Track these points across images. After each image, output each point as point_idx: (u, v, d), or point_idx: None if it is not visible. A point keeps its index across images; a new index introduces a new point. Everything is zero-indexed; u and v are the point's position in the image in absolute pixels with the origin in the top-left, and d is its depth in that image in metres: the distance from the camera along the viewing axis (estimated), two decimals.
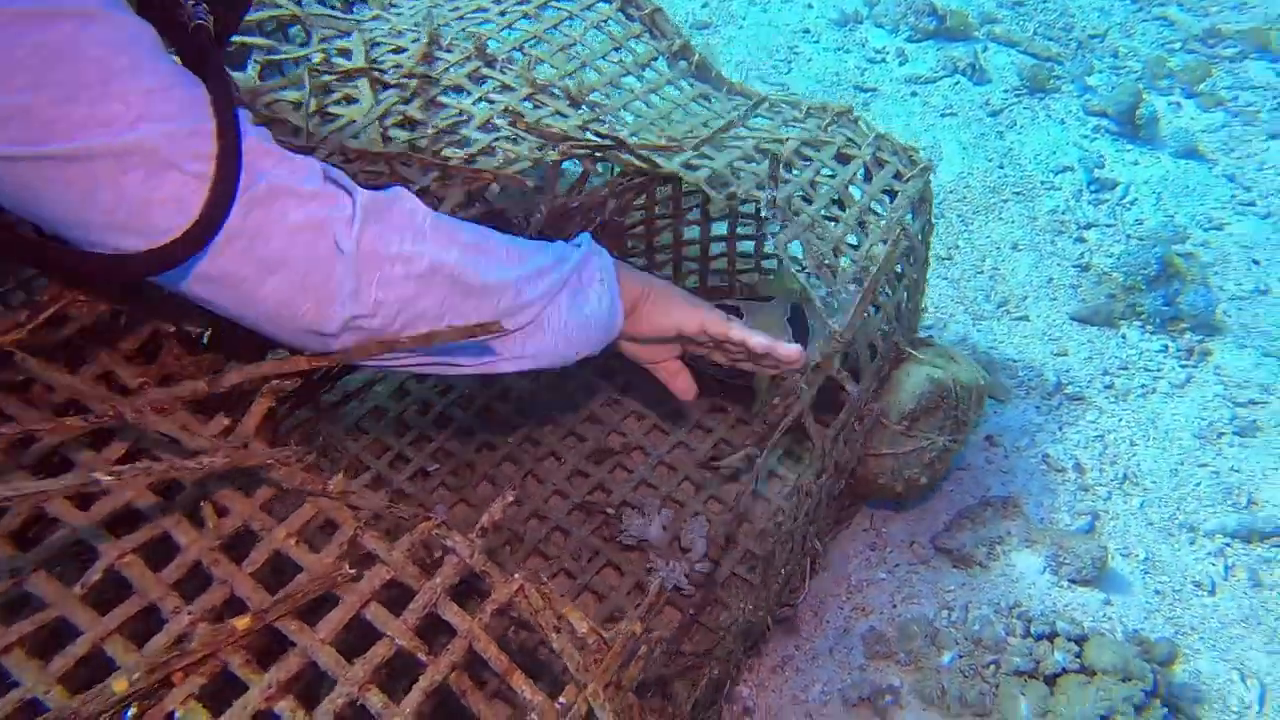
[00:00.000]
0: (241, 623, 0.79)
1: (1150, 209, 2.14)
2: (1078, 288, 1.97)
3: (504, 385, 1.61)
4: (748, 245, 1.77)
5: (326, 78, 1.39)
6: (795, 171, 1.43)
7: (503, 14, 1.59)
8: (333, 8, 1.62)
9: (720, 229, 1.75)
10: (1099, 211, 2.14)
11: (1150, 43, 2.67)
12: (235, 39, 1.39)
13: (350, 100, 1.38)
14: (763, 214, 1.55)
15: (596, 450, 1.54)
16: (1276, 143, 2.32)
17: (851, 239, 1.37)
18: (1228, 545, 1.51)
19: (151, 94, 0.72)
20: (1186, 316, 1.87)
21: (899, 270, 1.42)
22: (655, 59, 1.64)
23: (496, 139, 1.33)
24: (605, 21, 1.63)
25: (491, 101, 1.40)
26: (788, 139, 1.49)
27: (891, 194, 1.47)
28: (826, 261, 1.29)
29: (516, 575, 0.90)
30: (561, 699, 0.86)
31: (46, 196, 0.70)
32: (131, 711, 0.73)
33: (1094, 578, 1.40)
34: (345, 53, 1.46)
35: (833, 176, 1.45)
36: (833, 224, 1.37)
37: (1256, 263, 2.03)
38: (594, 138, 1.33)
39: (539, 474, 1.51)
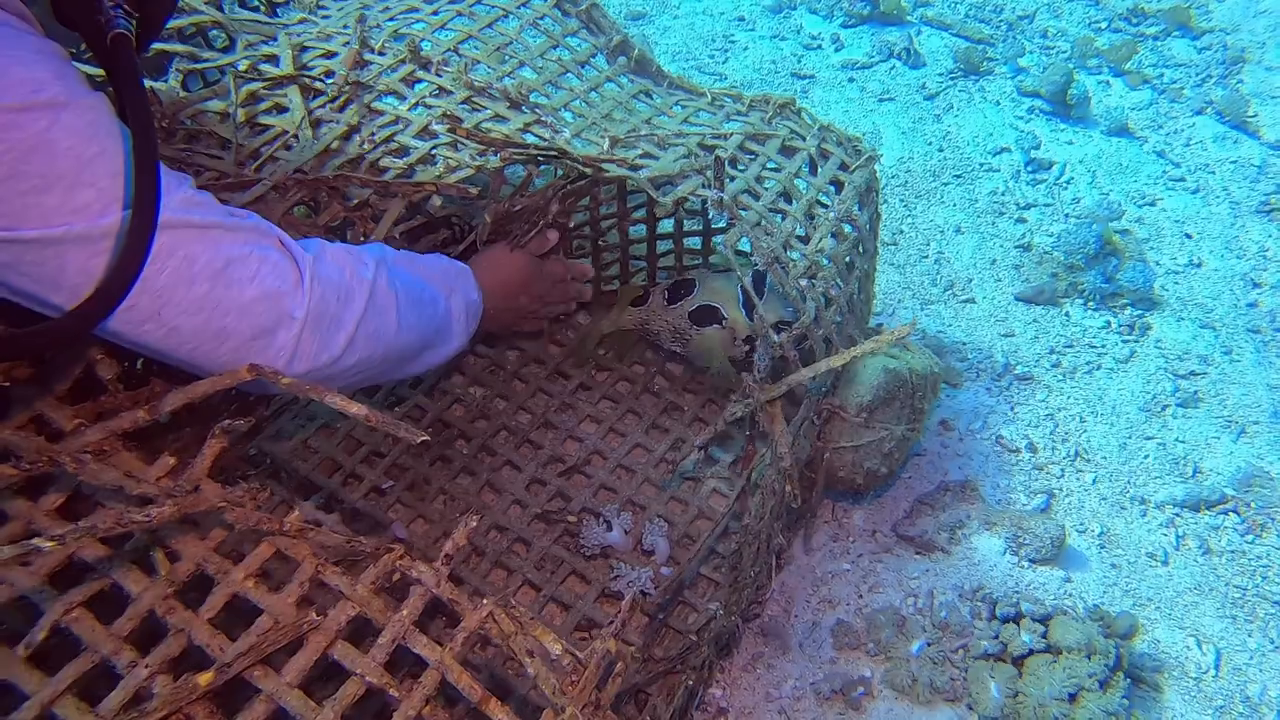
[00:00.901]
0: (204, 677, 0.75)
1: (1086, 188, 2.19)
2: (1020, 268, 2.00)
3: (455, 396, 1.58)
4: (694, 240, 1.76)
5: (254, 86, 1.33)
6: (740, 167, 1.42)
7: (435, 13, 1.55)
8: (256, 10, 1.56)
9: (667, 226, 1.74)
10: (1037, 191, 2.18)
11: (1077, 22, 2.72)
12: (153, 46, 1.33)
13: (280, 109, 1.32)
14: (709, 214, 1.54)
15: (553, 458, 1.51)
16: (1202, 118, 2.39)
17: (800, 233, 1.37)
18: (1177, 515, 1.55)
19: (117, 178, 0.75)
20: (1126, 292, 1.92)
21: (849, 261, 1.43)
22: (594, 55, 1.61)
23: (436, 146, 1.29)
24: (541, 19, 1.60)
25: (429, 106, 1.35)
26: (731, 134, 1.48)
27: (838, 185, 1.47)
28: (777, 257, 1.29)
29: (485, 600, 0.88)
30: None
31: (13, 273, 0.74)
32: None
33: (1053, 556, 1.43)
34: (272, 59, 1.40)
35: (778, 170, 1.44)
36: (780, 218, 1.37)
37: (1189, 236, 2.09)
38: (536, 141, 1.30)
39: (497, 485, 1.48)
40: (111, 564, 0.82)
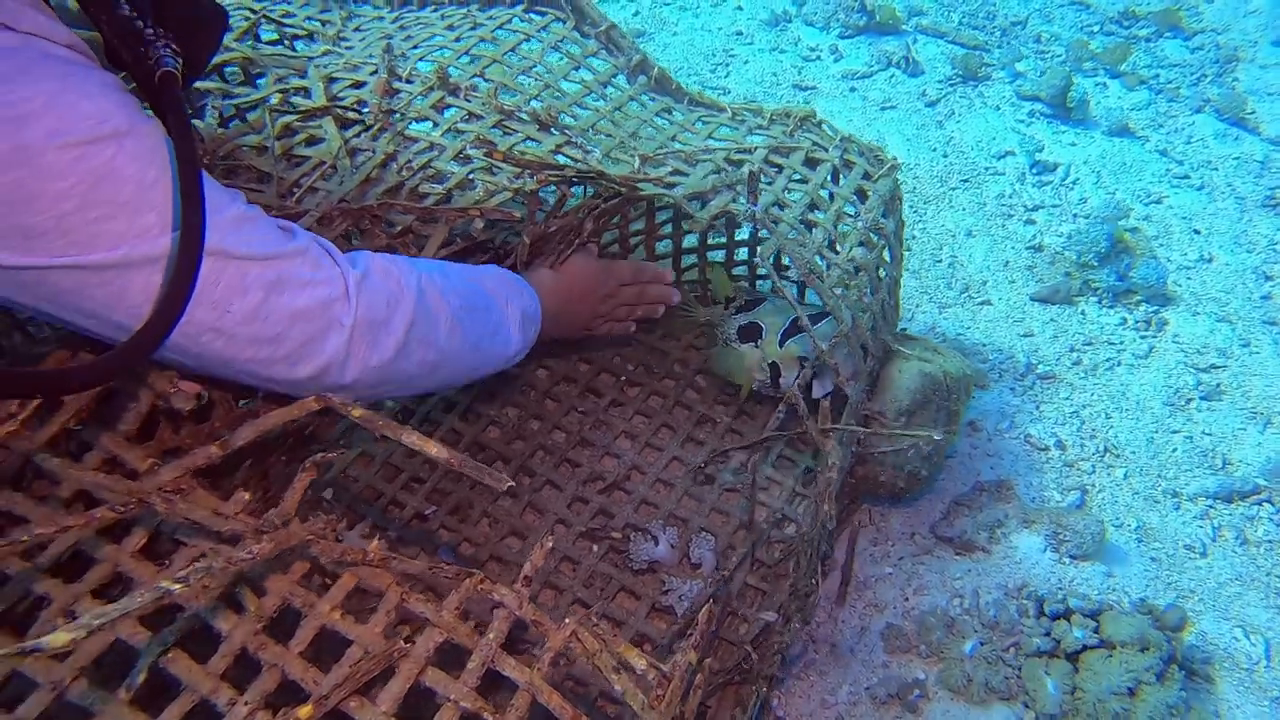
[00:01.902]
0: (304, 711, 0.75)
1: (1092, 188, 2.22)
2: (1033, 268, 2.03)
3: (489, 418, 1.58)
4: (717, 254, 1.78)
5: (288, 119, 1.34)
6: (767, 180, 1.44)
7: (458, 40, 1.56)
8: (277, 45, 1.57)
9: (692, 240, 1.75)
10: (1044, 193, 2.22)
11: (1069, 26, 2.77)
12: None
13: (315, 140, 1.34)
14: (744, 225, 1.56)
15: (592, 475, 1.52)
16: (1201, 116, 2.43)
17: (831, 244, 1.39)
18: (1211, 507, 1.57)
19: (170, 200, 0.78)
20: (1140, 289, 1.95)
21: (879, 270, 1.45)
22: (615, 75, 1.63)
23: (472, 171, 1.30)
24: (561, 41, 1.62)
25: (460, 131, 1.37)
26: (755, 148, 1.50)
27: (862, 195, 1.50)
28: (812, 269, 1.30)
29: (568, 620, 0.88)
30: None
31: (80, 298, 0.76)
32: None
33: (1094, 552, 1.44)
34: (302, 91, 1.41)
35: (804, 182, 1.46)
36: (810, 230, 1.39)
37: (1197, 232, 2.12)
38: (570, 163, 1.31)
39: (538, 505, 1.48)
40: (198, 603, 0.82)
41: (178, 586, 0.67)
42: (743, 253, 1.76)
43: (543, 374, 1.67)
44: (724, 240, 1.75)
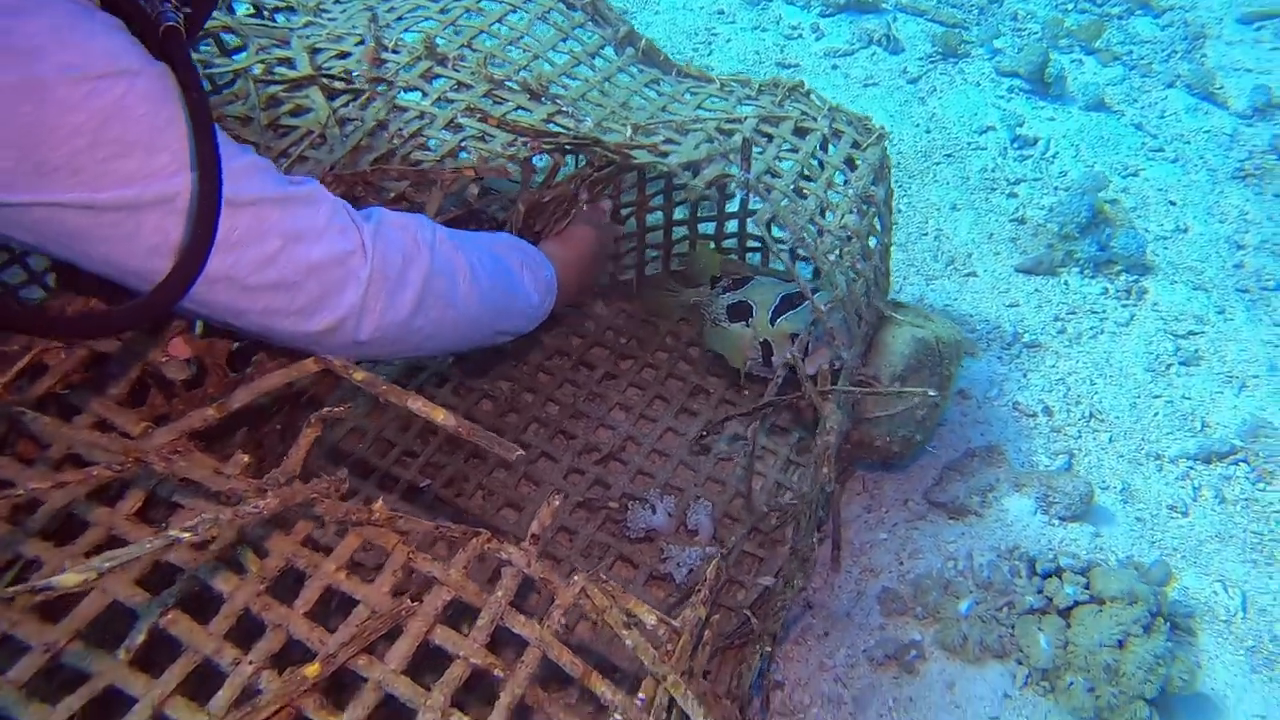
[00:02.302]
0: (311, 669, 0.75)
1: (1071, 161, 2.25)
2: (1017, 240, 2.05)
3: (482, 391, 1.58)
4: (707, 226, 1.78)
5: (273, 89, 1.32)
6: (758, 149, 1.44)
7: (443, 11, 1.55)
8: (256, 17, 1.54)
9: (682, 213, 1.75)
10: (1025, 167, 2.24)
11: (1045, 4, 2.80)
12: None
13: (301, 110, 1.32)
14: (737, 194, 1.56)
15: (588, 446, 1.52)
16: (1173, 91, 2.47)
17: (824, 212, 1.39)
18: (1192, 469, 1.60)
19: (185, 142, 0.77)
20: (1120, 259, 1.98)
21: (870, 237, 1.46)
22: (603, 47, 1.62)
23: (465, 139, 1.29)
24: (549, 12, 1.60)
25: (450, 101, 1.36)
26: (745, 118, 1.50)
27: (851, 163, 1.50)
28: (806, 236, 1.31)
29: (576, 577, 0.88)
30: (641, 694, 0.85)
31: (91, 239, 0.75)
32: None
33: (1082, 513, 1.47)
34: (287, 61, 1.39)
35: (794, 151, 1.47)
36: (803, 198, 1.39)
37: (1173, 203, 2.15)
38: (564, 130, 1.31)
39: (534, 476, 1.48)
40: (198, 565, 0.81)
41: (186, 535, 0.66)
42: (732, 225, 1.76)
43: (535, 348, 1.66)
44: (714, 213, 1.75)
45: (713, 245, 1.78)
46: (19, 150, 0.68)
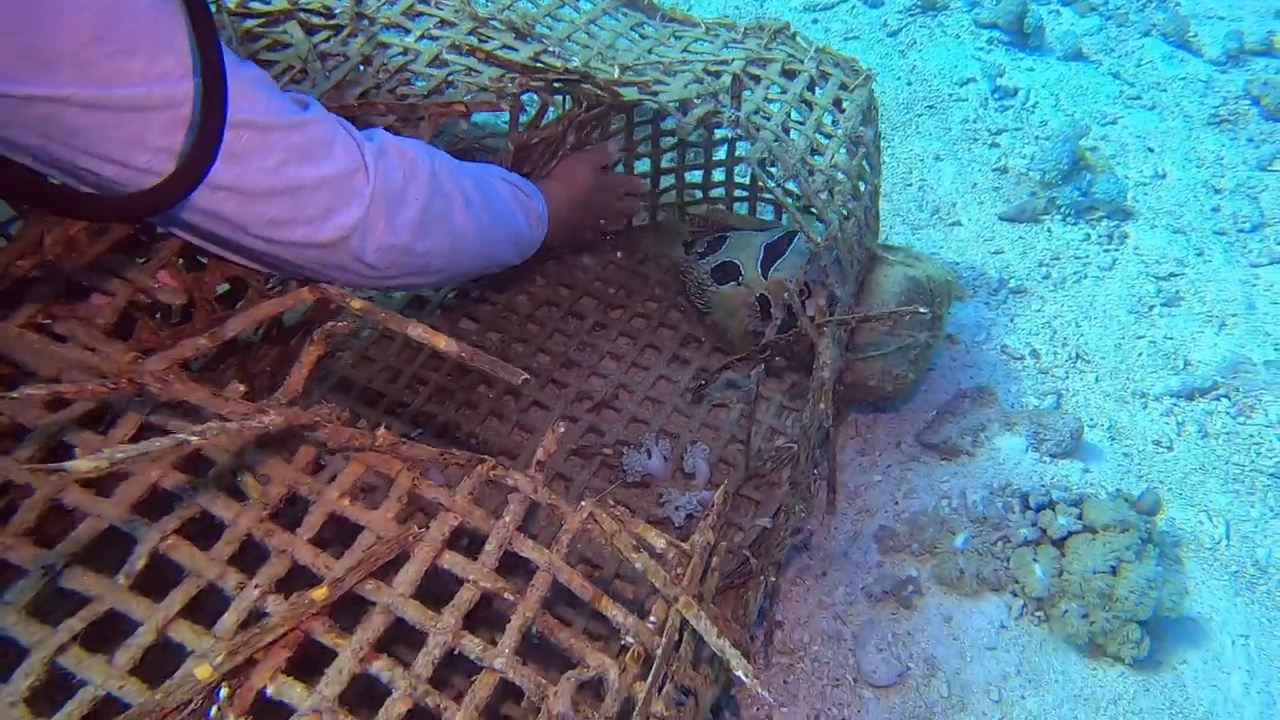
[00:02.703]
0: (319, 593, 0.73)
1: (1051, 111, 2.26)
2: (1000, 189, 2.05)
3: (470, 342, 1.55)
4: (695, 174, 1.76)
5: (249, 23, 1.28)
6: (747, 92, 1.42)
7: None
8: None
9: (669, 161, 1.73)
10: (1006, 117, 2.24)
11: None
12: None
13: (279, 45, 1.28)
14: (728, 133, 1.55)
15: (580, 395, 1.51)
16: (1150, 40, 2.48)
17: (814, 151, 1.38)
18: (1175, 405, 1.63)
19: (188, 47, 0.74)
20: (1101, 205, 1.99)
21: (861, 177, 1.45)
22: None
23: (452, 74, 1.26)
24: None
25: (434, 38, 1.32)
26: (732, 60, 1.49)
27: (839, 105, 1.49)
28: (796, 171, 1.30)
29: (584, 503, 0.87)
30: (652, 617, 0.84)
31: (94, 138, 0.72)
32: (224, 692, 0.67)
33: (1072, 449, 1.48)
34: None
35: (783, 93, 1.46)
36: (792, 136, 1.38)
37: (1151, 150, 2.17)
38: (554, 65, 1.28)
39: (527, 425, 1.46)
40: (196, 493, 0.79)
41: (194, 437, 0.64)
42: (719, 174, 1.75)
43: (523, 299, 1.64)
44: (701, 160, 1.74)
45: (699, 194, 1.76)
46: (20, 38, 0.65)
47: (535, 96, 1.34)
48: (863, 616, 1.30)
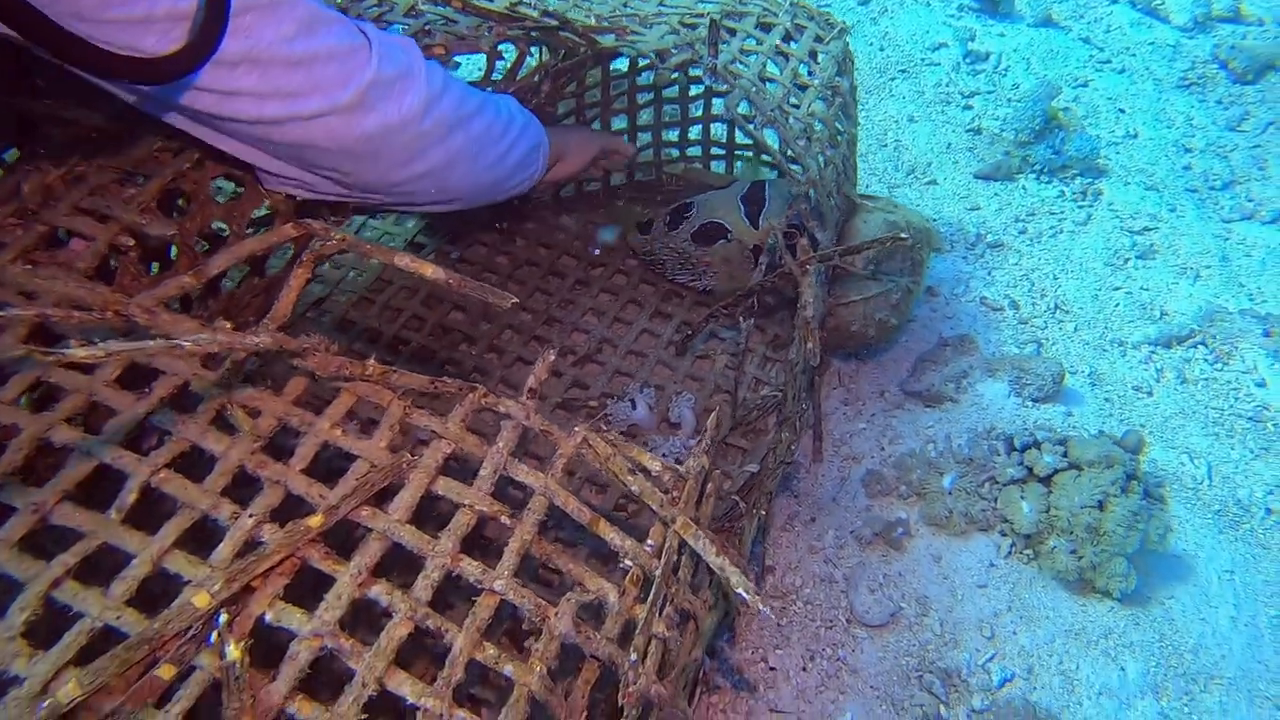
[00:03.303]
0: (314, 520, 0.72)
1: (1023, 74, 2.28)
2: (974, 150, 2.07)
3: (453, 301, 1.54)
4: (672, 132, 1.76)
5: None
6: (723, 44, 1.42)
7: None
8: None
9: (647, 118, 1.72)
10: (978, 80, 2.26)
11: None
12: None
13: None
14: (705, 79, 1.54)
15: (564, 349, 1.50)
16: (1118, 6, 2.51)
17: (791, 99, 1.38)
18: (1154, 353, 1.65)
19: None
20: (1074, 163, 2.01)
21: (838, 126, 1.45)
22: None
23: (428, 24, 1.24)
24: None
25: None
26: (707, 12, 1.48)
27: (814, 57, 1.50)
28: (774, 118, 1.30)
29: (577, 428, 0.87)
30: (649, 540, 0.84)
31: (104, 17, 0.73)
32: (224, 619, 0.65)
33: (1054, 394, 1.50)
34: None
35: (759, 44, 1.46)
36: (770, 85, 1.38)
37: (1122, 111, 2.20)
38: (530, 14, 1.27)
39: (511, 380, 1.45)
40: (185, 427, 0.77)
41: (188, 342, 0.62)
42: (695, 132, 1.74)
43: (504, 260, 1.63)
44: (678, 118, 1.73)
45: (676, 153, 1.76)
46: None
47: (513, 47, 1.32)
48: (853, 559, 1.31)
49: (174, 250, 0.99)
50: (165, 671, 0.62)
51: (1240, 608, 1.32)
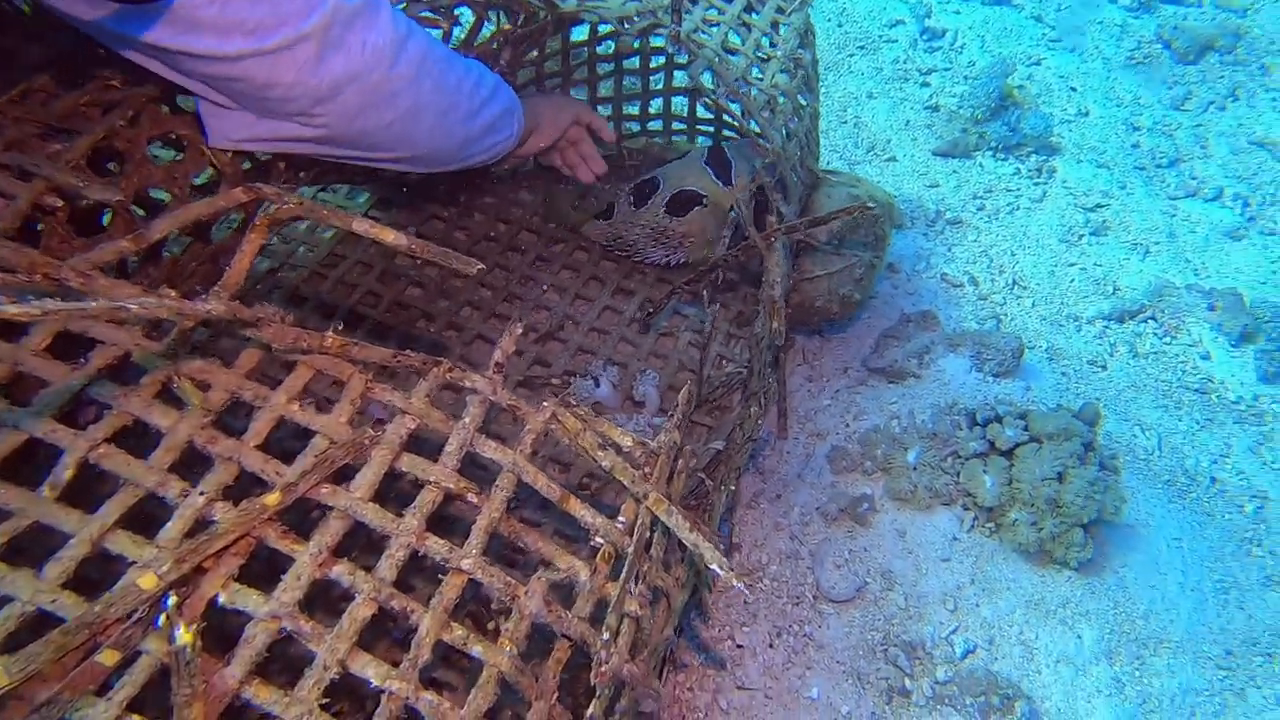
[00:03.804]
0: (271, 498, 0.68)
1: (979, 52, 2.29)
2: (932, 126, 2.08)
3: (410, 279, 1.49)
4: (633, 105, 1.73)
5: None
6: (687, 12, 1.39)
7: None
8: None
9: (606, 90, 1.69)
10: (935, 58, 2.26)
11: None
12: None
13: None
14: (668, 47, 1.51)
15: (525, 327, 1.46)
16: None
17: (754, 71, 1.36)
18: (1107, 327, 1.68)
19: None
20: (1029, 140, 2.03)
21: (800, 98, 1.44)
22: None
23: None
24: None
25: None
26: None
27: (776, 28, 1.48)
28: (738, 89, 1.28)
29: (546, 403, 0.84)
30: (621, 517, 0.82)
31: None
32: (172, 601, 0.62)
33: (1014, 368, 1.51)
34: None
35: (721, 14, 1.43)
36: (733, 57, 1.36)
37: (1074, 89, 2.22)
38: None
39: (470, 358, 1.41)
40: (127, 400, 0.72)
41: (134, 305, 0.58)
42: (656, 105, 1.71)
43: (461, 235, 1.58)
44: (639, 89, 1.70)
45: (637, 127, 1.73)
46: None
47: (469, 11, 1.28)
48: (819, 535, 1.31)
49: (106, 216, 0.93)
50: (107, 657, 0.58)
51: (1187, 574, 1.35)
